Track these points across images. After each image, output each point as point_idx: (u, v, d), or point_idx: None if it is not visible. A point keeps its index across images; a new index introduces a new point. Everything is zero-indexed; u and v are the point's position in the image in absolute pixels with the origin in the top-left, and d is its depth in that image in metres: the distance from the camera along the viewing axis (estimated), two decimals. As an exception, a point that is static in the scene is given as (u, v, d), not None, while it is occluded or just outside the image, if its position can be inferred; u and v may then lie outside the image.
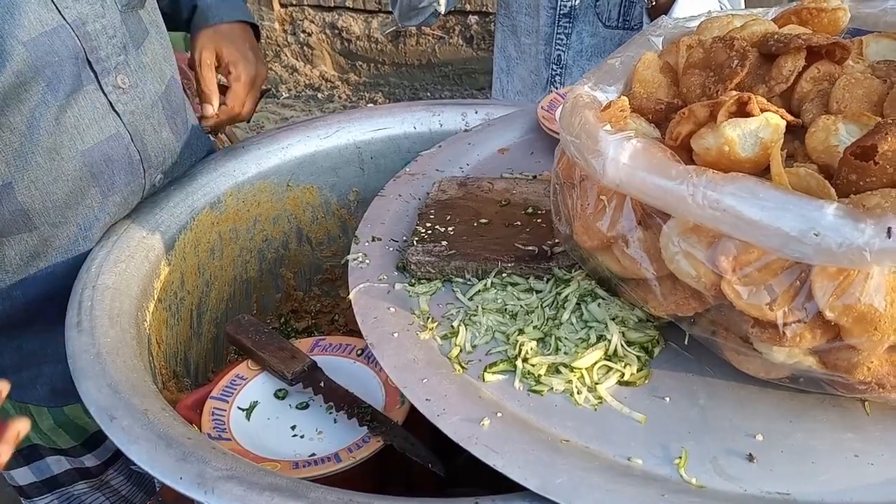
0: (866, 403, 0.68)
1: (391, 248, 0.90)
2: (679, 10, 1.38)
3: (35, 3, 0.84)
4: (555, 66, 1.64)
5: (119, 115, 0.96)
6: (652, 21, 1.41)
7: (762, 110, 0.66)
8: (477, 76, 4.03)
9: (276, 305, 1.27)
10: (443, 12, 1.67)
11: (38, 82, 0.86)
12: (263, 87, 1.18)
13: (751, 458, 0.63)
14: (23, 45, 0.83)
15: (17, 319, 1.00)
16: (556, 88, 1.60)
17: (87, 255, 0.96)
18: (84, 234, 0.97)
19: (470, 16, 3.92)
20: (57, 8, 0.86)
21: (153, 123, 1.01)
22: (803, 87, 0.75)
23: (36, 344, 1.02)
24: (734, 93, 0.70)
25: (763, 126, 0.64)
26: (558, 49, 1.63)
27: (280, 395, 0.89)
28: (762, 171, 0.65)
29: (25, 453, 1.12)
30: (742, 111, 0.66)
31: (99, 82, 0.92)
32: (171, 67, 1.07)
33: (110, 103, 0.94)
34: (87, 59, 0.90)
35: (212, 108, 1.12)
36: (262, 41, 4.18)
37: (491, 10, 3.80)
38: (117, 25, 0.94)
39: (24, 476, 1.14)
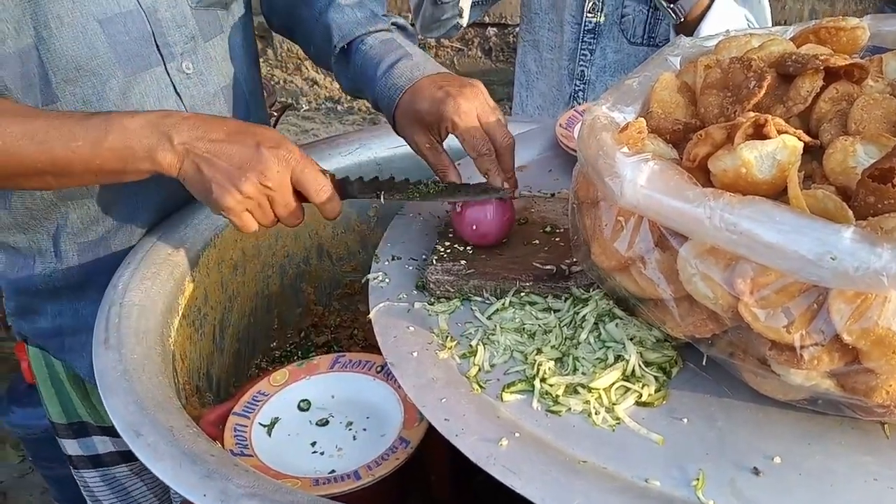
0: (886, 426, 0.68)
1: (411, 267, 0.91)
2: (707, 28, 1.38)
3: None
4: (578, 82, 1.65)
5: (181, 97, 1.02)
6: None
7: (779, 132, 0.66)
8: (496, 88, 4.05)
9: (297, 320, 1.29)
10: (465, 25, 1.69)
11: (109, 57, 0.93)
12: (286, 101, 1.19)
13: (756, 471, 0.63)
14: (98, 23, 0.91)
15: (75, 282, 1.07)
16: (579, 104, 1.61)
17: (135, 226, 1.04)
18: (137, 206, 1.04)
19: (489, 28, 3.94)
20: None
21: (213, 111, 1.07)
22: (821, 108, 0.75)
23: (90, 309, 1.06)
24: (752, 114, 0.70)
25: (780, 148, 0.64)
26: (582, 65, 1.63)
27: (303, 406, 0.91)
28: (780, 192, 0.65)
29: (75, 428, 1.18)
30: (759, 133, 0.66)
31: (165, 65, 0.99)
32: (239, 70, 1.12)
33: (174, 85, 1.01)
34: (156, 42, 0.97)
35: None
36: (283, 54, 4.26)
37: (510, 23, 3.82)
38: (187, 17, 1.01)
39: (73, 447, 1.20)
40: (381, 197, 0.91)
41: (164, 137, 0.83)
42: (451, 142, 0.95)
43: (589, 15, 1.57)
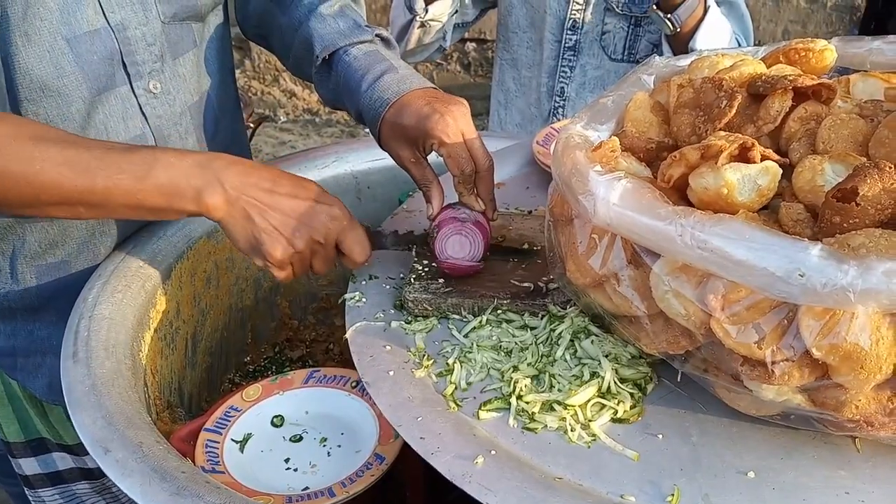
0: (857, 440, 0.69)
1: (388, 287, 0.91)
2: (700, 41, 1.40)
3: (85, 4, 0.89)
4: (557, 98, 1.67)
5: (146, 118, 1.00)
6: (674, 52, 1.44)
7: (763, 158, 0.67)
8: (475, 102, 4.05)
9: (271, 334, 1.27)
10: (447, 47, 1.71)
11: (75, 77, 0.90)
12: (264, 112, 1.17)
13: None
14: (66, 42, 0.88)
15: (31, 305, 1.03)
16: (558, 120, 1.62)
17: (99, 248, 1.00)
18: (101, 229, 1.01)
19: (468, 43, 3.97)
20: (103, 11, 0.92)
21: (180, 130, 1.05)
22: (791, 127, 0.76)
23: (45, 332, 1.05)
24: (722, 132, 0.72)
25: (762, 173, 0.65)
26: (562, 81, 1.65)
27: (277, 421, 0.89)
28: (752, 216, 0.65)
29: (34, 445, 1.14)
30: (744, 156, 0.67)
31: (131, 84, 0.97)
32: (211, 84, 1.09)
33: (139, 105, 0.99)
34: (123, 61, 0.95)
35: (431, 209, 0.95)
36: (261, 65, 4.24)
37: (489, 38, 3.85)
38: (157, 34, 0.98)
39: (30, 466, 1.16)
40: (413, 250, 0.94)
41: (214, 180, 0.81)
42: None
43: (569, 32, 1.59)
